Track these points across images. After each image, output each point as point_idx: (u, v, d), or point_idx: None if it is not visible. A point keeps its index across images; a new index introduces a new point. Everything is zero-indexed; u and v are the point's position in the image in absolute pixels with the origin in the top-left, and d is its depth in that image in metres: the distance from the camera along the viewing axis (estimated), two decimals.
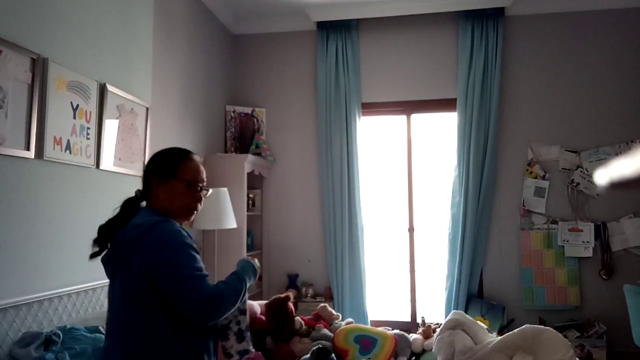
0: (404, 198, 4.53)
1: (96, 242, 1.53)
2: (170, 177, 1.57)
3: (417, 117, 4.59)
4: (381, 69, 4.57)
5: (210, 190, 1.68)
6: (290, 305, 3.04)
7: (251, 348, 1.69)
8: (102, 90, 2.70)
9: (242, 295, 1.53)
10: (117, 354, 1.45)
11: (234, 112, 4.61)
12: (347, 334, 3.04)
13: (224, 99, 4.62)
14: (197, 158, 1.66)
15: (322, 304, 3.38)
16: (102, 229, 1.54)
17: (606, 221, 4.13)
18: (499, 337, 2.59)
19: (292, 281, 4.50)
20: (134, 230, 1.45)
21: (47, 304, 2.26)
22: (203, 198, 1.63)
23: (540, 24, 4.36)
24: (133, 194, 1.62)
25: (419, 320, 3.95)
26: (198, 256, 1.48)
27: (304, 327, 3.13)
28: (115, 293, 1.49)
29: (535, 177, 4.26)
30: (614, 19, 4.24)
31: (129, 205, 1.59)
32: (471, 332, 2.74)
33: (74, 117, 2.47)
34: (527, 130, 4.32)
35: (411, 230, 4.50)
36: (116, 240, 1.48)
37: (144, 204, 1.62)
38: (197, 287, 1.41)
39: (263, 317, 3.07)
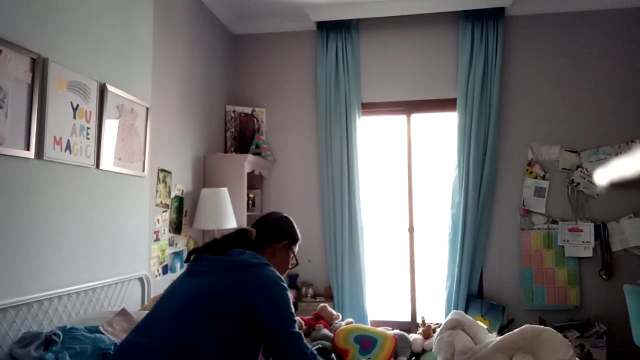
0: (404, 198, 4.53)
1: (212, 244, 1.74)
2: (291, 247, 1.93)
3: (417, 117, 4.59)
4: (381, 69, 4.57)
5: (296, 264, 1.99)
6: None
7: None
8: (102, 90, 2.70)
9: None
10: (160, 344, 1.48)
11: (234, 112, 4.61)
12: (347, 334, 3.04)
13: (224, 99, 4.62)
14: None
15: (322, 304, 3.37)
16: (224, 238, 1.77)
17: (606, 221, 4.13)
18: (499, 337, 2.59)
19: (292, 281, 4.49)
20: (253, 258, 1.65)
21: (47, 304, 2.26)
22: None
23: (540, 24, 4.36)
24: (237, 227, 1.84)
25: (419, 320, 3.96)
26: None
27: (304, 327, 3.13)
28: (188, 287, 1.60)
29: (535, 177, 4.25)
30: (614, 18, 4.24)
31: (241, 236, 1.79)
32: (471, 332, 2.74)
33: (74, 117, 2.47)
34: (527, 130, 4.31)
35: (411, 230, 4.49)
36: (231, 253, 1.67)
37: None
38: (299, 341, 1.57)
39: None
